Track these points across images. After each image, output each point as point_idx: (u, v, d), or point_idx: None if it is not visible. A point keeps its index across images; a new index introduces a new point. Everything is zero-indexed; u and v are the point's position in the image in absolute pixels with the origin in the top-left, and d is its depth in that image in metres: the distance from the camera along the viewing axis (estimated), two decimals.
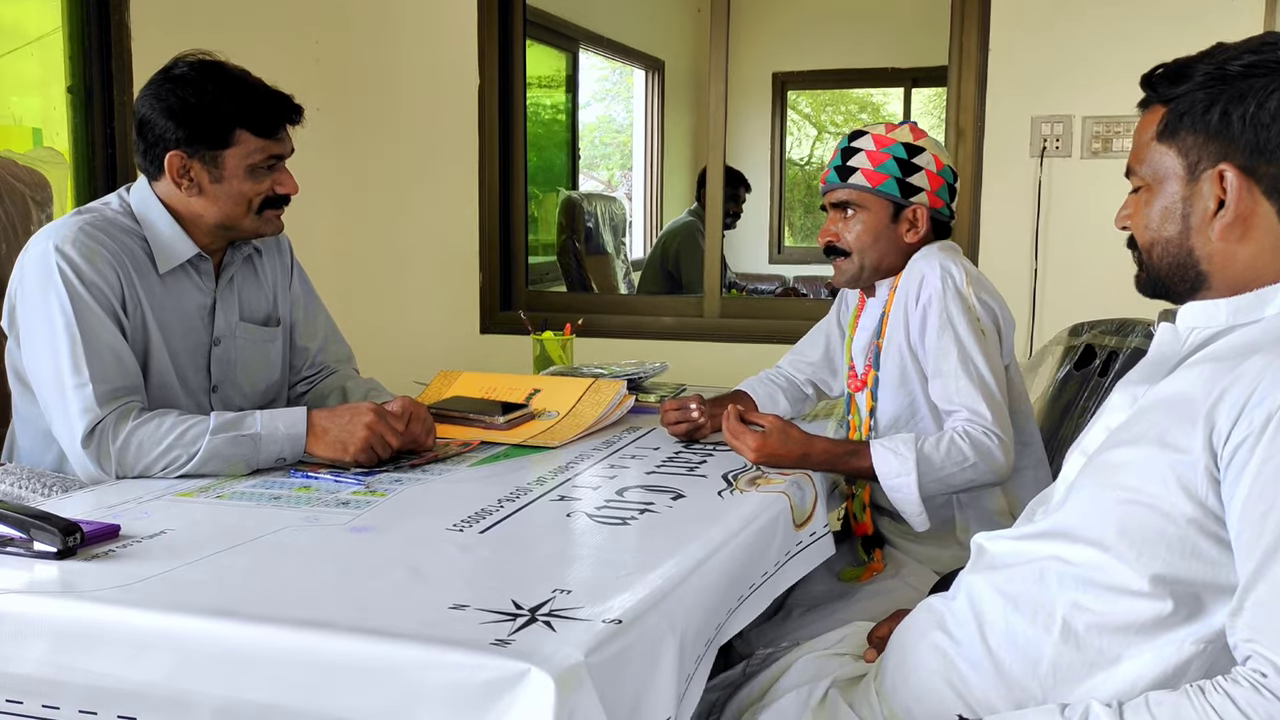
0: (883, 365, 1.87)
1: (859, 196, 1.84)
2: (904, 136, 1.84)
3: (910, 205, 1.83)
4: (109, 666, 1.05)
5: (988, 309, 1.80)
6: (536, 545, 1.34)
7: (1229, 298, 1.12)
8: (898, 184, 1.82)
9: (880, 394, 1.88)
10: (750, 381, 2.13)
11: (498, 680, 0.96)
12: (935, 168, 1.84)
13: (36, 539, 1.23)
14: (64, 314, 1.65)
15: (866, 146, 1.84)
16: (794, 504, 1.58)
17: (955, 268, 1.79)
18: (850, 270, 1.88)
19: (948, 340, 1.75)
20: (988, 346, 1.76)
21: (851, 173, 1.84)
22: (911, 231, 1.84)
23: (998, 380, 1.75)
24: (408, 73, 3.59)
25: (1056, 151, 3.03)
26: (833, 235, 1.87)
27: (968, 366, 1.73)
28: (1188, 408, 1.04)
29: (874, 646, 1.42)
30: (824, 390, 2.15)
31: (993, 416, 1.70)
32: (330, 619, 1.05)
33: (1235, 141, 1.09)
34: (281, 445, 1.64)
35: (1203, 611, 1.05)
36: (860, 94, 7.57)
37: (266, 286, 1.95)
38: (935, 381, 1.77)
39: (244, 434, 1.62)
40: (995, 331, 1.80)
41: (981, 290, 1.81)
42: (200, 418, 1.63)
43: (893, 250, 1.85)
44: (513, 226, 3.72)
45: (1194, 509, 1.03)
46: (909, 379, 1.84)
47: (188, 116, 1.72)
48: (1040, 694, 1.10)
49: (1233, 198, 1.10)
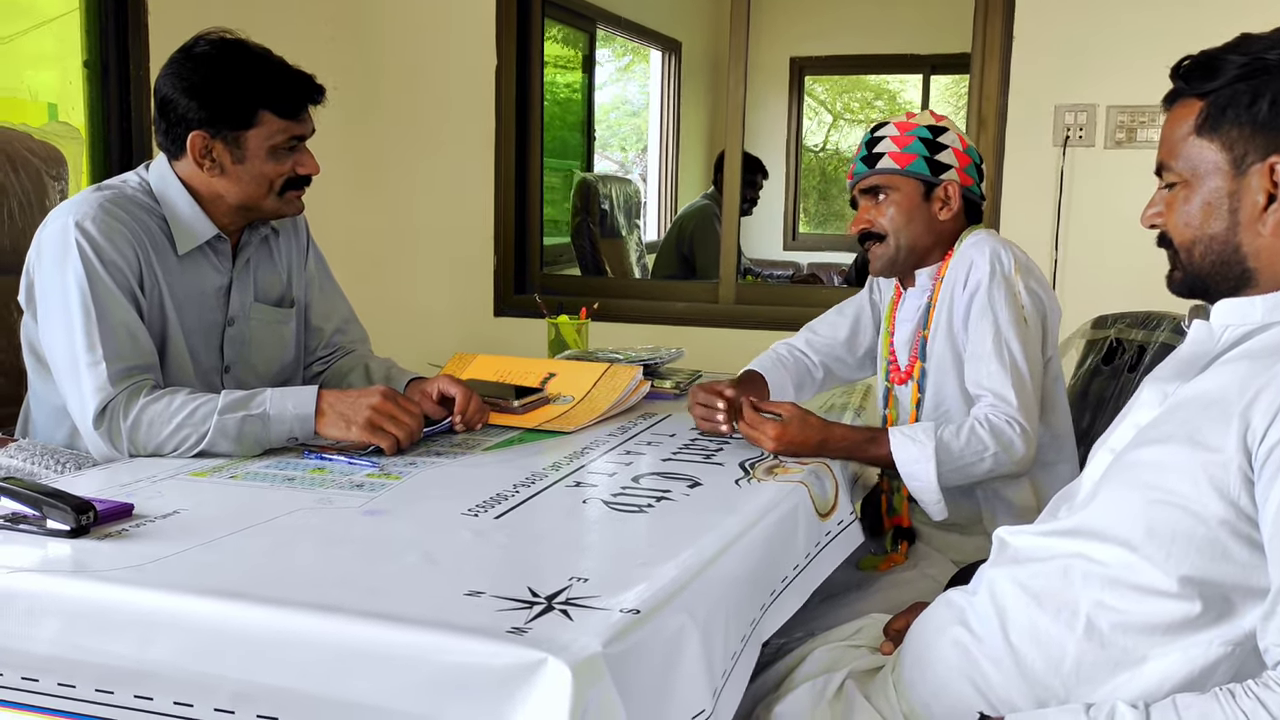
0: (930, 356, 1.84)
1: (888, 179, 1.82)
2: (926, 120, 1.84)
3: (941, 182, 1.81)
4: (122, 647, 1.04)
5: (1035, 298, 1.77)
6: (552, 532, 1.33)
7: (1265, 294, 1.10)
8: (926, 162, 1.80)
9: (928, 386, 1.85)
10: (762, 361, 2.06)
11: (514, 669, 0.95)
12: (961, 146, 1.83)
13: (50, 517, 1.22)
14: (80, 291, 1.63)
15: (891, 133, 1.83)
16: (814, 494, 1.57)
17: (1005, 254, 1.77)
18: (887, 254, 1.85)
19: (986, 324, 1.72)
20: (1026, 335, 1.73)
21: (879, 158, 1.82)
22: (945, 209, 1.82)
23: (1032, 370, 1.72)
24: (424, 51, 3.57)
25: (1080, 141, 2.99)
26: (866, 221, 1.85)
27: (1001, 351, 1.71)
28: (1221, 406, 1.02)
29: (890, 639, 1.41)
30: (835, 374, 2.09)
31: (1019, 404, 1.68)
32: (345, 603, 1.04)
33: None
34: (291, 425, 1.63)
35: (1232, 613, 1.03)
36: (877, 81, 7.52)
37: (281, 267, 1.94)
38: (969, 365, 1.75)
39: (253, 413, 1.61)
40: (1040, 322, 1.78)
41: (1030, 279, 1.78)
42: (210, 396, 1.62)
43: (928, 230, 1.83)
44: (528, 209, 3.70)
45: (1226, 510, 1.01)
46: (948, 367, 1.81)
47: (211, 97, 1.70)
48: (1063, 692, 1.09)
49: None
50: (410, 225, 3.66)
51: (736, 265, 3.57)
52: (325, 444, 1.65)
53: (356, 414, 1.63)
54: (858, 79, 7.51)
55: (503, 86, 3.53)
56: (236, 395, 1.62)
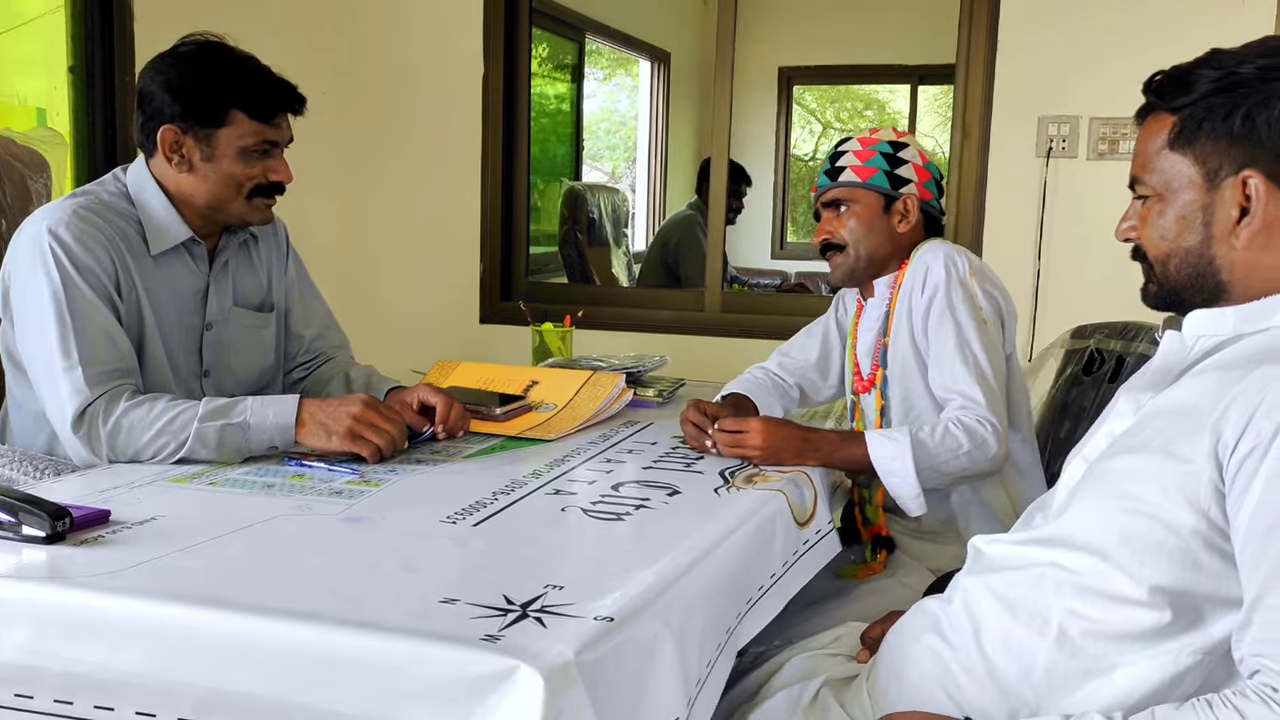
0: (890, 363, 1.87)
1: (850, 193, 1.89)
2: (888, 136, 1.91)
3: (901, 196, 1.87)
4: (91, 654, 1.03)
5: (991, 299, 1.82)
6: (530, 539, 1.33)
7: (1237, 306, 1.11)
8: (886, 176, 1.87)
9: (890, 392, 1.88)
10: (743, 384, 2.08)
11: (487, 676, 0.94)
12: (920, 161, 1.90)
13: (25, 523, 1.21)
14: (55, 297, 1.63)
15: (854, 148, 1.91)
16: (792, 502, 1.57)
17: (960, 258, 1.82)
18: (847, 264, 1.91)
19: (947, 328, 1.77)
20: (987, 335, 1.78)
21: (841, 172, 1.90)
22: (904, 222, 1.88)
23: (995, 369, 1.76)
24: (412, 59, 3.57)
25: (1063, 152, 3.01)
26: (828, 232, 1.92)
27: (964, 353, 1.75)
28: (1193, 417, 1.03)
29: (867, 647, 1.41)
30: (809, 396, 2.13)
31: (987, 403, 1.72)
32: (318, 610, 1.04)
33: (1261, 146, 1.07)
34: (271, 434, 1.62)
35: (1202, 622, 1.03)
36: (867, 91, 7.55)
37: (261, 272, 1.93)
38: (933, 369, 1.79)
39: (233, 422, 1.60)
40: (999, 322, 1.83)
41: (985, 281, 1.84)
42: (191, 403, 1.61)
43: (887, 241, 1.89)
44: (514, 217, 3.70)
45: (1197, 520, 1.02)
46: (912, 373, 1.84)
47: (185, 92, 1.71)
48: (1034, 700, 1.09)
49: (1259, 204, 1.07)
50: (398, 233, 3.66)
51: (722, 273, 3.58)
52: (305, 451, 1.65)
53: (337, 423, 1.63)
54: (848, 89, 7.55)
55: (489, 95, 3.54)
56: (217, 403, 1.62)
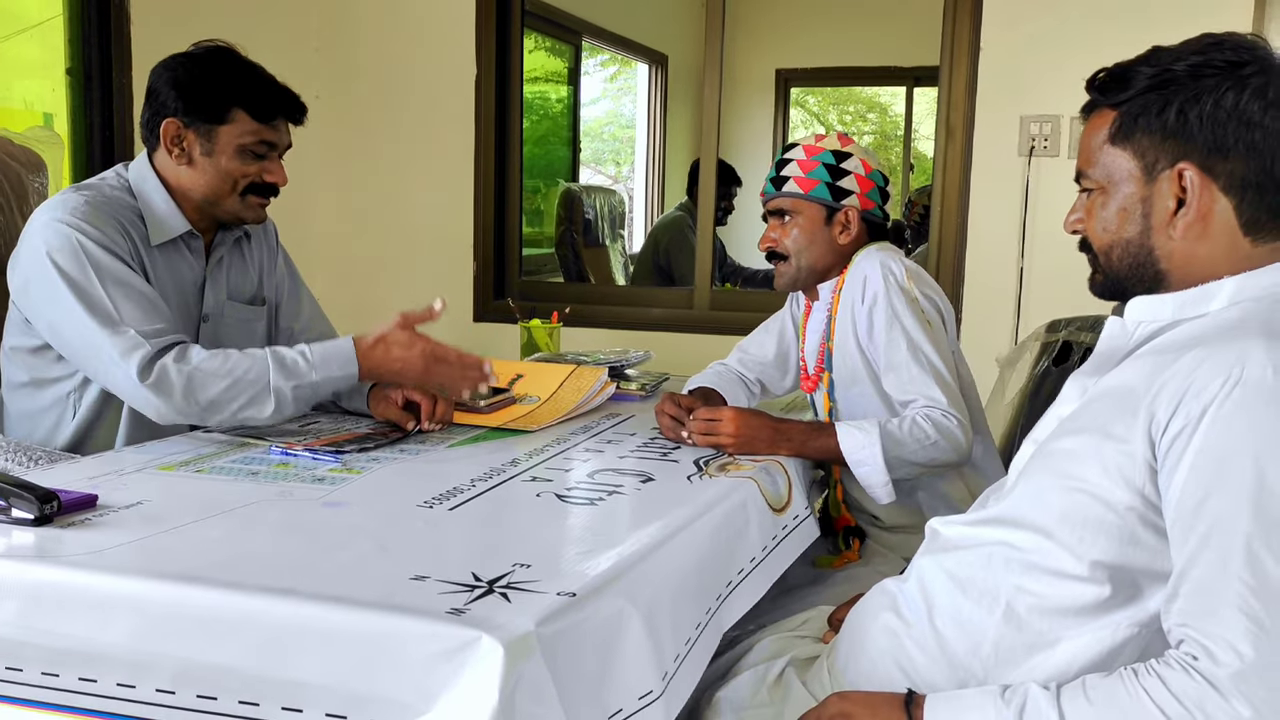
0: (835, 367, 1.93)
1: (793, 203, 1.93)
2: (831, 145, 1.94)
3: (841, 208, 1.91)
4: (75, 629, 1.08)
5: (930, 301, 1.87)
6: (502, 522, 1.37)
7: (1176, 293, 1.15)
8: (828, 188, 1.91)
9: (836, 395, 1.94)
10: (708, 378, 2.12)
11: (451, 649, 0.98)
12: (864, 171, 1.92)
13: (15, 506, 1.26)
14: (86, 274, 1.69)
15: (798, 156, 1.94)
16: (765, 489, 1.61)
17: (895, 265, 1.86)
18: (789, 273, 1.96)
19: (896, 334, 1.81)
20: (934, 335, 1.83)
21: (785, 181, 1.93)
22: (844, 233, 1.92)
23: (948, 367, 1.82)
24: (406, 62, 3.62)
25: (1045, 151, 3.05)
26: (772, 241, 1.96)
27: (918, 356, 1.80)
28: (1129, 399, 1.07)
29: (833, 629, 1.45)
30: (769, 390, 2.19)
31: (948, 400, 1.77)
32: (292, 586, 1.08)
33: (1194, 140, 1.11)
34: (337, 384, 1.75)
35: (1139, 596, 1.08)
36: (869, 92, 7.58)
37: (253, 268, 1.99)
38: (888, 375, 1.83)
39: (304, 382, 1.71)
40: (940, 322, 1.88)
41: (922, 284, 1.89)
42: (258, 355, 1.70)
43: (828, 252, 1.93)
44: (507, 216, 3.75)
45: (1133, 498, 1.06)
46: (861, 378, 1.90)
47: (190, 88, 1.79)
48: (982, 674, 1.13)
49: (1193, 195, 1.12)
50: (392, 231, 3.71)
51: (713, 272, 3.62)
52: (292, 440, 1.70)
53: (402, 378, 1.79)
54: (849, 91, 7.57)
55: (482, 96, 3.59)
56: (283, 359, 1.70)
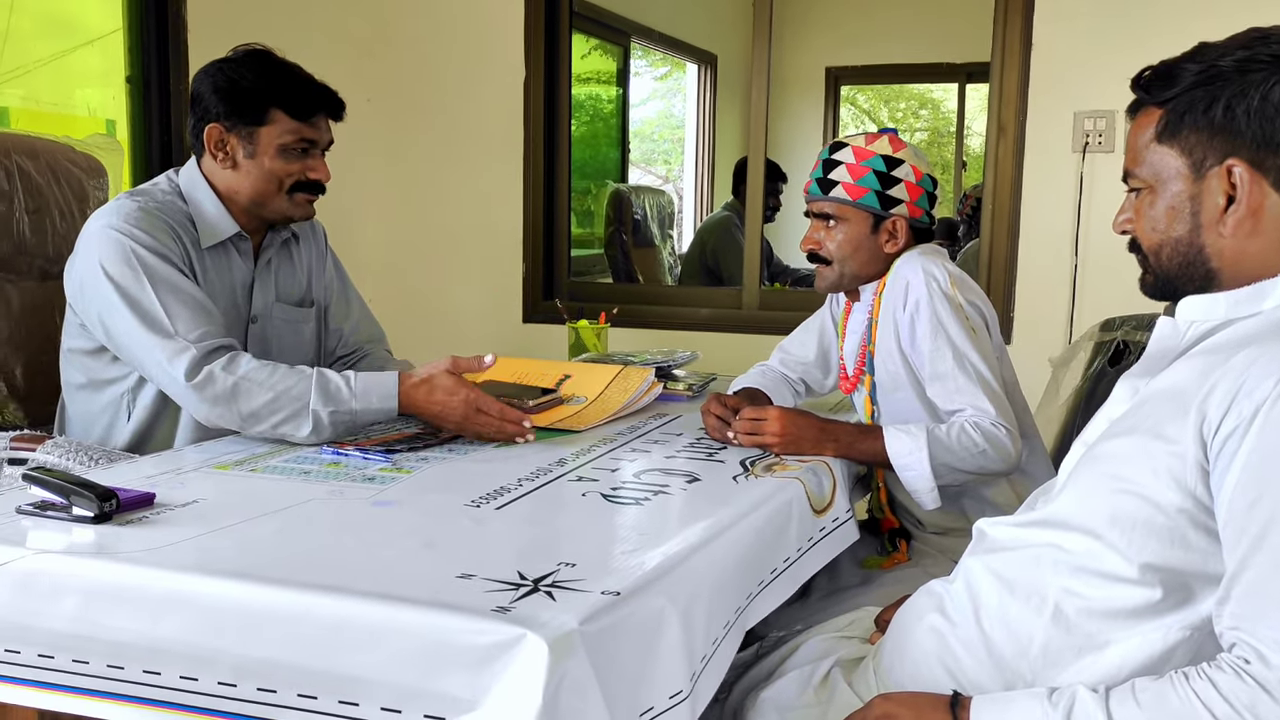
0: (877, 371, 1.90)
1: (840, 209, 1.88)
2: (883, 149, 1.87)
3: (890, 217, 1.87)
4: (135, 623, 1.11)
5: (974, 307, 1.84)
6: (548, 522, 1.38)
7: (1228, 292, 1.13)
8: (877, 196, 1.86)
9: (879, 399, 1.92)
10: (752, 378, 2.12)
11: (496, 644, 1.00)
12: (914, 178, 1.87)
13: (76, 504, 1.29)
14: (136, 278, 1.73)
15: (847, 159, 1.88)
16: (810, 490, 1.61)
17: (938, 270, 1.82)
18: (831, 277, 1.93)
19: (941, 342, 1.78)
20: (980, 343, 1.79)
21: (833, 185, 1.88)
22: (891, 242, 1.88)
23: (994, 375, 1.79)
24: (455, 65, 3.65)
25: (1099, 147, 3.00)
26: (815, 244, 1.92)
27: (964, 365, 1.77)
28: (1181, 400, 1.05)
29: (879, 630, 1.44)
30: (813, 387, 2.17)
31: (996, 410, 1.75)
32: (343, 583, 1.10)
33: (1241, 135, 1.09)
34: (376, 417, 1.74)
35: (1191, 599, 1.06)
36: (921, 88, 7.51)
37: (301, 270, 2.03)
38: (934, 384, 1.80)
39: (341, 410, 1.69)
40: (985, 329, 1.85)
41: (966, 289, 1.85)
42: (305, 374, 1.70)
43: (873, 260, 1.90)
44: (556, 217, 3.77)
45: (1184, 499, 1.04)
46: (903, 384, 1.87)
47: (231, 93, 1.83)
48: (1030, 675, 1.12)
49: (1243, 192, 1.10)
50: (444, 233, 3.75)
51: (761, 271, 3.61)
52: (344, 440, 1.72)
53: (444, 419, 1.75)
54: (901, 88, 7.50)
55: (530, 98, 3.61)
56: (328, 384, 1.70)
